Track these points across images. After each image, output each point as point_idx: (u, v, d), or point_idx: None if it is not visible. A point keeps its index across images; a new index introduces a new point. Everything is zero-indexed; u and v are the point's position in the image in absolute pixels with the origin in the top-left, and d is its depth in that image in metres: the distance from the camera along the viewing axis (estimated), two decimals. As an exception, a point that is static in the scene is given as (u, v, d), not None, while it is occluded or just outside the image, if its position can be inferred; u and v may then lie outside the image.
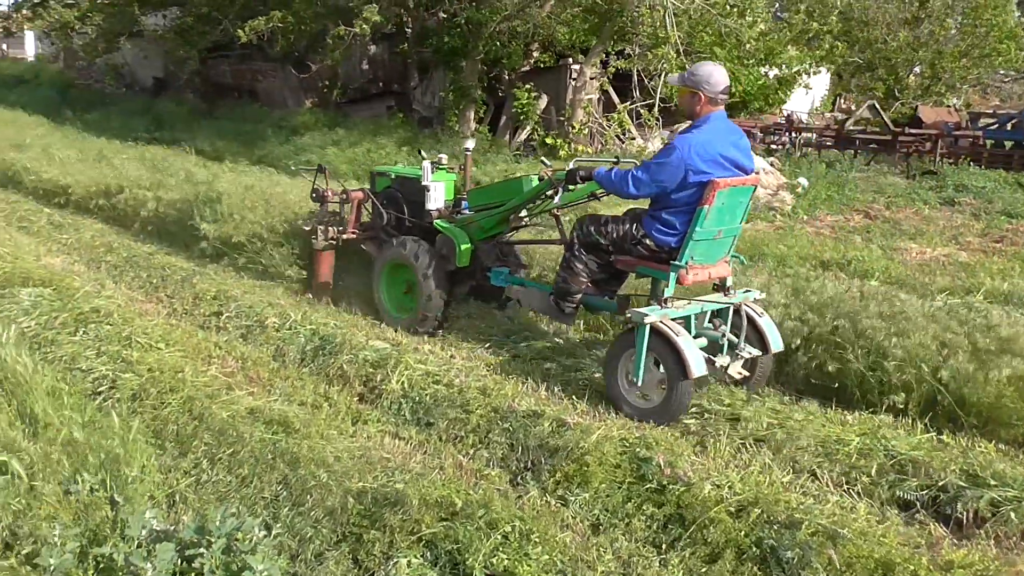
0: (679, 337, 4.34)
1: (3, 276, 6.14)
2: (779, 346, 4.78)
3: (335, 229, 6.48)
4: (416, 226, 6.09)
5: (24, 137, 12.94)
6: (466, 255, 5.72)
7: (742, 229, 5.00)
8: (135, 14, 16.74)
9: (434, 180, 5.99)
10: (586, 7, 13.30)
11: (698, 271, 4.63)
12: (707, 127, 4.56)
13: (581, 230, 5.00)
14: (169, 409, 4.24)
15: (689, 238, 4.49)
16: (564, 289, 5.06)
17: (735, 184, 4.53)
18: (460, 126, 13.88)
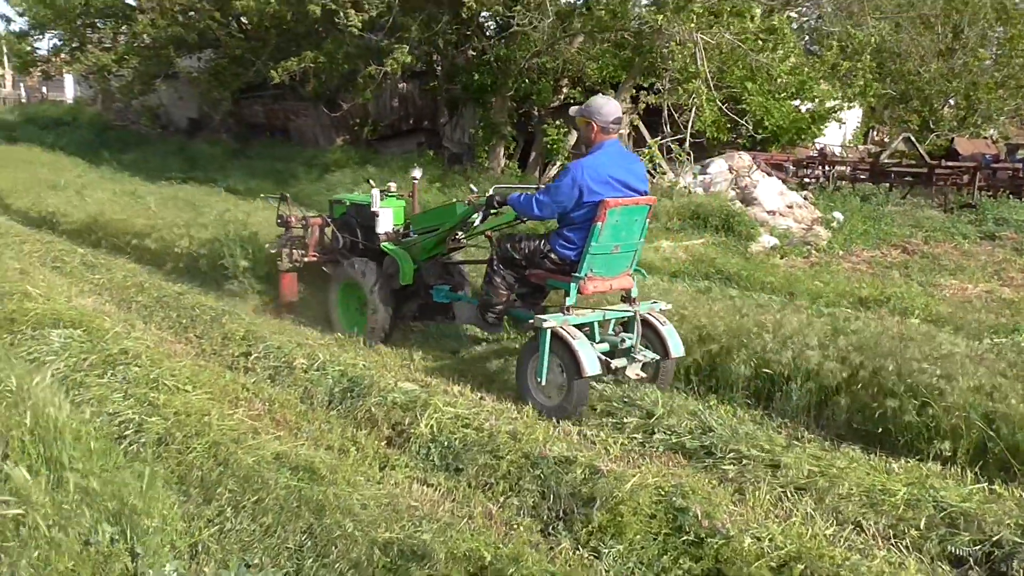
0: (575, 340, 4.86)
1: (35, 317, 6.14)
2: (679, 352, 5.25)
3: (298, 252, 7.00)
4: (368, 249, 6.61)
5: (61, 178, 13.13)
6: (409, 273, 6.24)
7: (642, 245, 5.47)
8: (170, 56, 17.06)
9: (383, 206, 6.55)
10: (616, 42, 13.32)
11: (598, 283, 5.16)
12: (600, 153, 5.10)
13: (500, 247, 5.55)
14: (194, 454, 4.16)
15: (586, 252, 5.02)
16: (487, 301, 5.58)
17: (627, 204, 5.05)
18: (490, 162, 13.90)
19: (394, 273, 6.30)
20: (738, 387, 5.16)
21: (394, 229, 6.60)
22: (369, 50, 13.24)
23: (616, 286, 5.36)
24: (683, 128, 13.05)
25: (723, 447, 4.32)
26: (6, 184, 12.93)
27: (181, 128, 22.08)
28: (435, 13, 12.97)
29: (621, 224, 5.10)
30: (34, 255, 9.10)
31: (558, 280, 5.26)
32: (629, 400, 4.91)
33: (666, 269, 9.14)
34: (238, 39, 16.28)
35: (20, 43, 21.75)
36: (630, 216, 5.15)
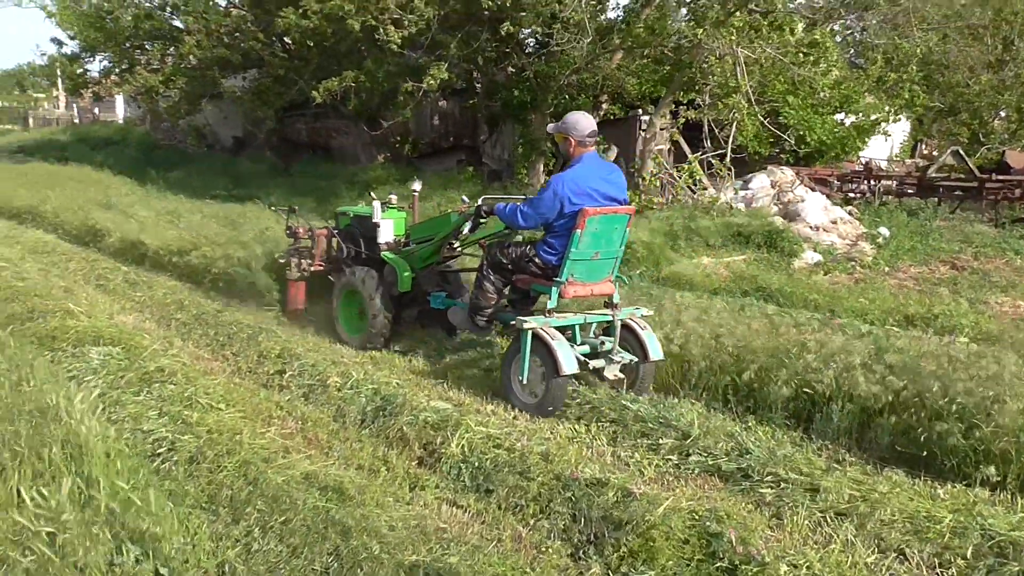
0: (554, 341, 5.14)
1: (76, 335, 6.23)
2: (658, 355, 5.49)
3: (305, 262, 7.41)
4: (370, 258, 6.96)
5: (109, 197, 13.37)
6: (407, 281, 6.57)
7: (623, 252, 5.76)
8: (216, 77, 17.34)
9: (384, 218, 6.89)
10: (655, 58, 13.24)
11: (578, 287, 5.44)
12: (579, 166, 5.43)
13: (489, 253, 5.89)
14: (224, 473, 4.15)
15: (567, 258, 5.32)
16: (476, 305, 5.89)
17: (605, 212, 5.34)
18: (529, 179, 13.89)
19: (393, 281, 6.63)
20: (777, 408, 5.03)
21: (395, 239, 6.91)
22: (409, 68, 13.33)
23: (597, 291, 5.61)
24: (724, 143, 12.92)
25: (760, 470, 4.21)
26: (57, 203, 13.18)
27: (226, 147, 22.42)
28: (474, 31, 13.02)
29: (600, 232, 5.40)
30: (79, 273, 9.25)
31: (542, 284, 5.56)
32: (664, 421, 4.80)
33: (706, 286, 9.01)
34: (281, 59, 16.47)
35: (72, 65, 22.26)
36: (609, 225, 5.44)
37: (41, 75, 29.81)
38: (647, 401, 5.15)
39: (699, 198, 12.88)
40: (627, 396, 5.24)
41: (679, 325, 5.92)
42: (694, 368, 5.50)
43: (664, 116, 13.62)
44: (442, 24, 12.90)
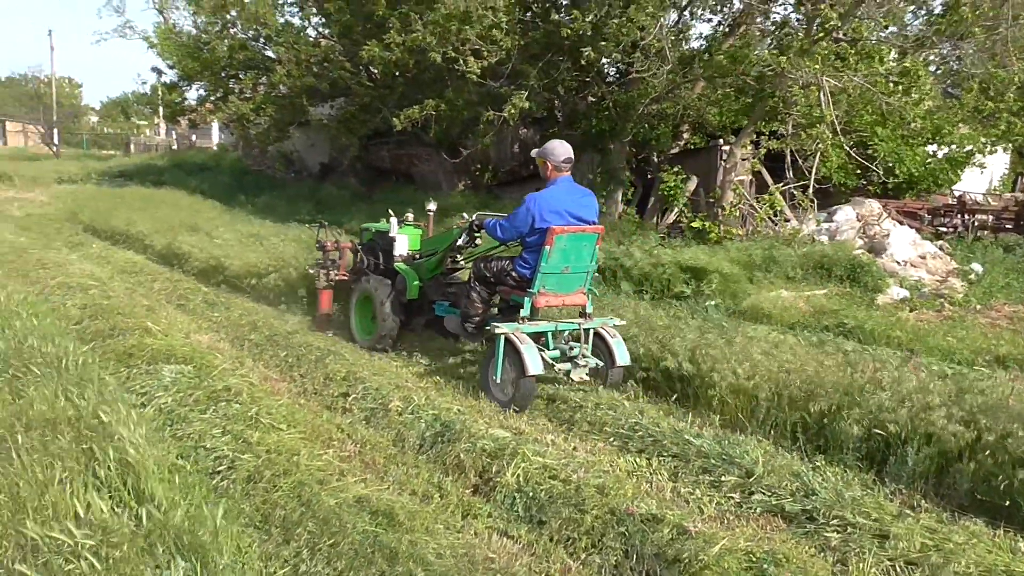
0: (523, 345, 5.70)
1: (151, 353, 6.40)
2: (625, 360, 6.09)
3: (332, 272, 8.14)
4: (387, 269, 7.61)
5: (197, 220, 13.79)
6: (415, 289, 7.27)
7: (595, 267, 6.32)
8: (304, 105, 17.83)
9: (400, 233, 7.62)
10: (737, 88, 13.04)
11: (550, 298, 6.05)
12: (553, 188, 6.05)
13: (476, 267, 6.54)
14: (279, 493, 4.18)
15: (538, 271, 5.88)
16: (465, 313, 6.57)
17: (573, 231, 5.90)
18: (607, 207, 13.79)
19: (403, 289, 7.29)
20: (848, 448, 4.81)
21: (409, 252, 7.59)
22: (489, 97, 13.42)
23: (569, 302, 6.22)
24: (807, 174, 12.60)
25: (827, 512, 4.02)
26: (148, 225, 13.69)
27: (313, 173, 22.97)
28: (555, 60, 13.06)
29: (569, 248, 5.95)
30: (162, 293, 9.56)
31: (519, 295, 6.12)
32: (728, 457, 4.64)
33: (784, 320, 8.75)
34: (367, 87, 16.83)
35: (171, 94, 23.25)
36: (578, 242, 5.99)
37: (143, 103, 31.25)
38: (711, 437, 5.00)
39: (780, 230, 12.58)
40: (690, 431, 5.10)
41: (748, 358, 5.74)
42: (761, 404, 5.32)
43: (745, 146, 13.38)
44: (522, 54, 12.99)
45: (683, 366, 5.90)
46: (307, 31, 19.41)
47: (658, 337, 6.46)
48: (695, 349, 6.05)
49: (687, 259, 9.80)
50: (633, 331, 6.64)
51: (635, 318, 7.06)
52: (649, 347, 6.33)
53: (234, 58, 19.40)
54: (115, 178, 25.81)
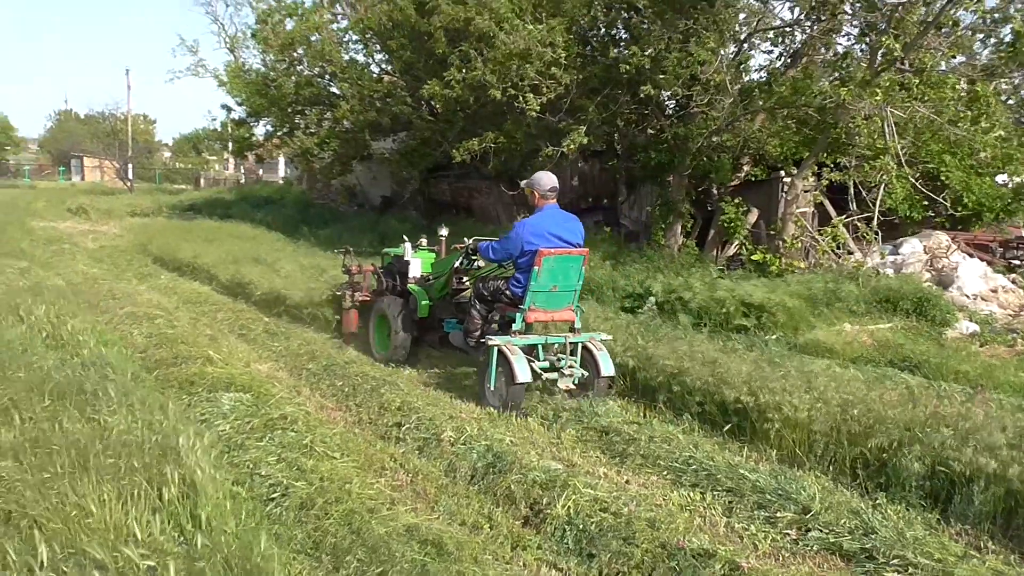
0: (512, 355, 6.31)
1: (212, 381, 6.55)
2: (610, 372, 6.65)
3: (357, 294, 8.80)
4: (403, 290, 8.30)
5: (261, 252, 14.10)
6: (425, 308, 7.96)
7: (580, 286, 6.89)
8: (367, 140, 18.20)
9: (414, 257, 8.41)
10: (799, 119, 12.90)
11: (539, 314, 6.70)
12: (540, 215, 6.71)
13: (475, 287, 7.21)
14: (330, 521, 4.21)
15: (528, 290, 6.53)
16: (466, 329, 7.18)
17: (559, 253, 6.54)
18: (667, 240, 13.70)
19: (415, 307, 7.97)
20: (910, 485, 4.66)
21: (422, 275, 8.33)
22: (548, 130, 13.51)
23: (558, 318, 6.85)
24: (871, 206, 12.35)
25: (887, 551, 3.90)
26: (214, 257, 14.05)
27: (375, 205, 23.33)
28: (613, 94, 13.10)
29: (557, 269, 6.57)
30: (225, 323, 9.77)
31: (513, 312, 6.72)
32: (784, 492, 4.54)
33: (846, 354, 8.55)
34: (428, 122, 17.10)
35: (239, 129, 23.93)
36: (565, 263, 6.63)
37: (213, 139, 32.20)
38: (767, 471, 4.89)
39: (843, 262, 12.33)
40: (746, 466, 5.01)
41: (806, 392, 5.63)
42: (819, 438, 5.20)
43: (807, 178, 13.18)
44: (581, 88, 13.05)
45: (740, 399, 5.81)
46: (370, 68, 19.86)
47: (714, 370, 6.37)
48: (751, 382, 5.95)
49: (747, 292, 9.67)
50: (686, 364, 6.56)
51: (689, 350, 6.97)
52: (706, 379, 6.25)
53: (300, 94, 19.91)
54: (185, 211, 26.58)
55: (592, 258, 12.81)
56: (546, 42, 12.23)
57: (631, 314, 9.64)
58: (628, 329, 8.14)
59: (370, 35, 18.63)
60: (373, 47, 19.52)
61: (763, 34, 12.96)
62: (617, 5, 12.86)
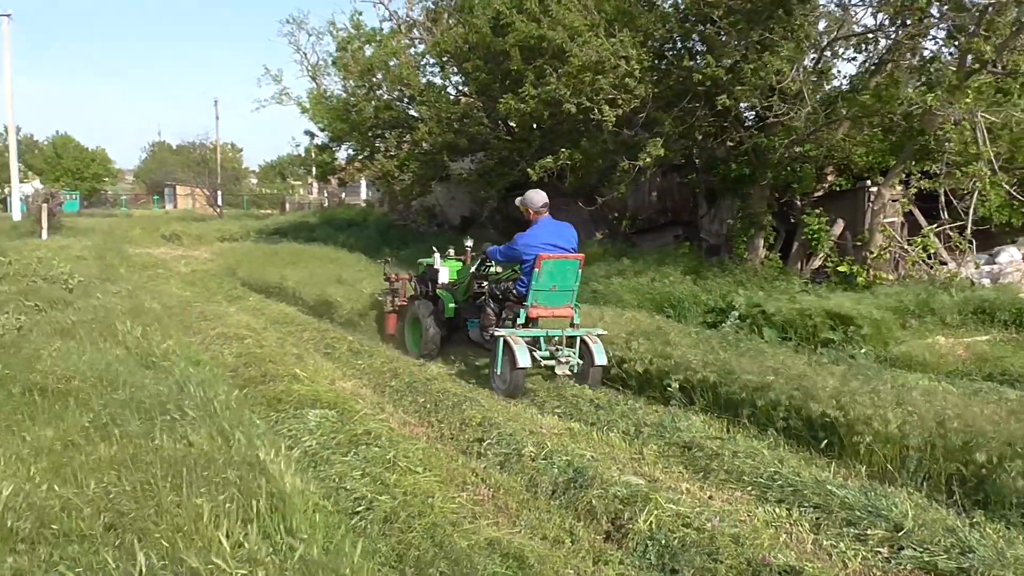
0: (515, 345, 7.35)
1: (298, 398, 6.71)
2: (603, 361, 7.58)
3: (396, 299, 9.99)
4: (434, 295, 9.36)
5: (344, 273, 14.38)
6: (451, 310, 9.08)
7: (578, 287, 7.93)
8: (445, 161, 18.45)
9: (442, 265, 9.59)
10: (885, 127, 12.56)
11: (541, 310, 7.75)
12: (535, 228, 7.89)
13: (489, 288, 8.34)
14: (414, 534, 4.26)
15: (531, 289, 7.64)
16: (483, 325, 8.25)
17: (556, 258, 7.64)
18: (748, 253, 13.47)
19: (442, 309, 9.07)
20: (1011, 504, 4.46)
21: (450, 281, 9.41)
22: (625, 145, 13.47)
23: (558, 314, 7.83)
24: (964, 214, 11.92)
25: (985, 571, 3.74)
26: (299, 278, 14.40)
27: (454, 225, 23.58)
28: (690, 106, 12.99)
29: (555, 272, 7.66)
30: (310, 342, 10.00)
31: (519, 309, 7.78)
32: (875, 509, 4.40)
33: (940, 368, 8.27)
34: (504, 141, 17.25)
35: (322, 154, 24.54)
36: (562, 267, 7.70)
37: (297, 164, 33.07)
38: (856, 487, 4.75)
39: (935, 273, 11.93)
40: (834, 481, 4.87)
41: (898, 406, 5.45)
42: (912, 454, 5.02)
43: (895, 186, 12.81)
44: (656, 101, 12.98)
45: (828, 413, 5.67)
46: (447, 90, 20.17)
47: (799, 384, 6.23)
48: (839, 396, 5.80)
49: (833, 305, 9.44)
50: (770, 378, 6.43)
51: (773, 364, 6.84)
52: (791, 393, 6.11)
53: (379, 118, 20.33)
54: (271, 235, 27.31)
55: (672, 273, 12.75)
56: (619, 55, 12.22)
57: (713, 329, 9.50)
58: (709, 343, 8.04)
59: (447, 58, 18.93)
60: (449, 69, 19.82)
61: (845, 41, 12.67)
62: (692, 17, 12.76)
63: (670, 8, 13.78)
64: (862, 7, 12.23)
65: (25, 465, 4.33)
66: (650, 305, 11.14)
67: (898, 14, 11.37)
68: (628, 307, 10.86)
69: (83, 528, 3.65)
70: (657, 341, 8.02)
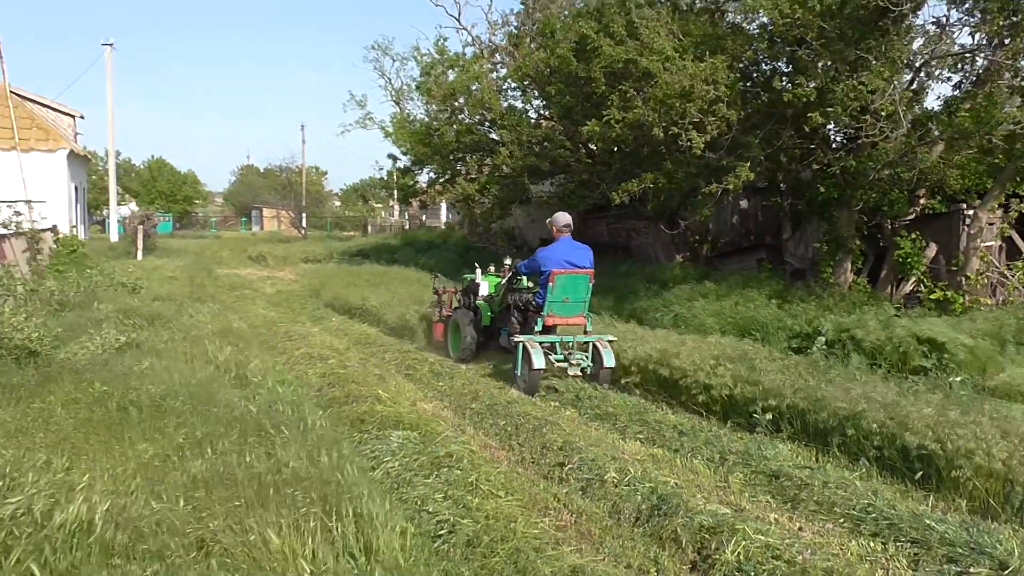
0: (532, 349, 8.34)
1: (380, 419, 6.77)
2: (611, 364, 8.62)
3: (444, 310, 11.24)
4: (474, 306, 10.43)
5: (424, 295, 14.50)
6: (487, 319, 10.17)
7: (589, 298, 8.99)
8: (526, 183, 18.53)
9: (483, 280, 10.71)
10: (983, 148, 12.12)
11: (556, 319, 8.89)
12: (556, 245, 9.02)
13: (513, 300, 9.46)
14: (497, 559, 4.24)
15: (547, 301, 8.76)
16: (509, 332, 9.25)
17: (568, 273, 8.75)
18: (835, 277, 13.13)
19: (480, 319, 10.17)
20: None
21: (489, 294, 10.42)
22: (709, 168, 13.29)
23: (572, 323, 8.99)
24: (1069, 238, 11.40)
25: (1100, 616, 3.51)
26: (381, 300, 14.61)
27: (533, 247, 23.58)
28: (776, 129, 12.76)
29: (568, 285, 8.77)
30: (392, 363, 10.11)
31: (538, 318, 8.85)
32: (977, 546, 4.19)
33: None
34: (585, 164, 17.24)
35: (404, 177, 24.94)
36: (575, 281, 8.81)
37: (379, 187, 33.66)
38: (957, 523, 4.54)
39: (1037, 300, 11.42)
40: (932, 516, 4.67)
41: (1003, 438, 5.21)
42: (1018, 489, 4.78)
43: (993, 210, 12.34)
44: (743, 124, 12.79)
45: (925, 445, 5.45)
46: (528, 114, 20.29)
47: (893, 413, 6.00)
48: (936, 427, 5.57)
49: (926, 330, 9.09)
50: (861, 406, 6.22)
51: (864, 392, 6.62)
52: (884, 423, 5.90)
53: (461, 142, 20.56)
54: (353, 257, 27.81)
55: (756, 297, 12.49)
56: (709, 80, 12.09)
57: (799, 354, 9.25)
58: (796, 369, 7.83)
59: (528, 82, 19.07)
60: (531, 93, 19.95)
61: (941, 61, 12.30)
62: (779, 38, 12.55)
63: (757, 30, 13.60)
64: (959, 26, 11.85)
65: (122, 480, 4.45)
66: (733, 329, 10.93)
67: (997, 34, 10.97)
68: (711, 331, 10.68)
69: (173, 545, 3.72)
70: (742, 366, 7.84)
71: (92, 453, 4.87)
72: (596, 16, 15.33)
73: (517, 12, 22.61)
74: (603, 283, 16.17)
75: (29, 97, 28.08)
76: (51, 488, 4.04)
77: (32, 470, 4.26)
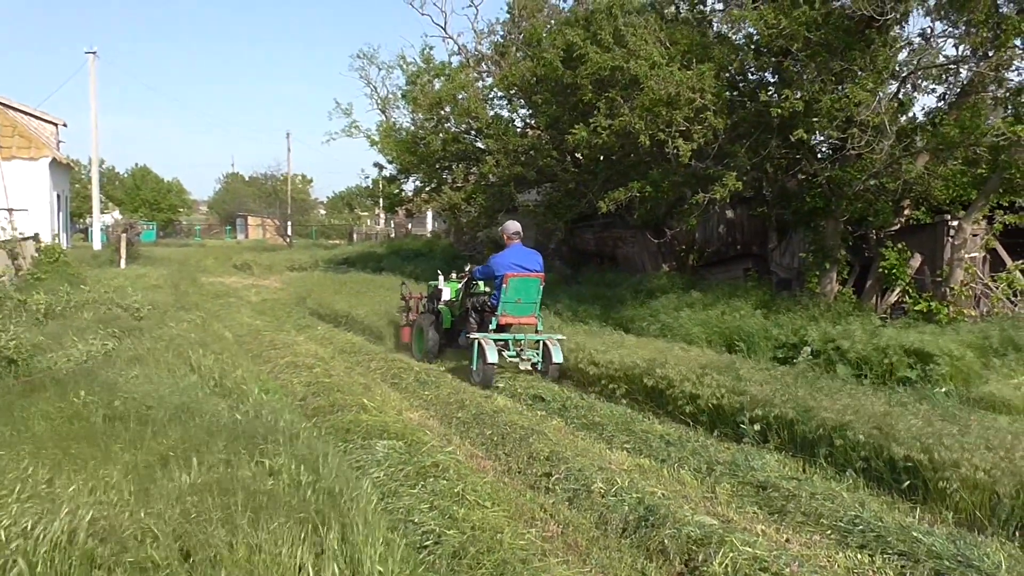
0: (486, 344, 9.13)
1: (366, 429, 6.72)
2: (559, 360, 9.38)
3: (409, 314, 12.00)
4: (437, 310, 11.14)
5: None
6: (448, 321, 10.89)
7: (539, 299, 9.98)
8: (512, 192, 18.52)
9: (445, 285, 11.40)
10: (967, 159, 12.19)
11: (510, 319, 9.75)
12: (507, 251, 9.94)
13: (470, 301, 10.27)
14: (483, 571, 4.19)
15: (501, 302, 9.62)
16: (466, 332, 10.02)
17: (520, 276, 9.66)
18: (821, 287, 13.15)
19: (442, 321, 10.86)
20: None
21: (450, 299, 11.13)
22: (695, 177, 13.31)
23: (524, 322, 9.89)
24: (1052, 250, 11.48)
25: (1089, 629, 3.50)
26: (366, 308, 14.56)
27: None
28: (762, 139, 12.80)
29: (520, 288, 9.68)
30: (378, 372, 10.05)
31: (492, 318, 9.69)
32: (965, 559, 4.18)
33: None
34: (572, 173, 17.26)
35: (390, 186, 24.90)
36: (526, 283, 9.73)
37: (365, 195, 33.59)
38: (944, 535, 4.53)
39: (1021, 311, 11.48)
40: (920, 528, 4.66)
41: (988, 449, 5.21)
42: (1004, 501, 4.78)
43: (977, 221, 12.41)
44: (730, 133, 12.82)
45: (911, 456, 5.44)
46: (514, 123, 20.29)
47: (880, 424, 6.00)
48: (923, 437, 5.57)
49: (912, 341, 9.12)
50: (848, 417, 6.22)
51: (851, 403, 6.62)
52: (871, 433, 5.90)
53: (447, 150, 20.56)
54: (339, 265, 27.70)
55: (743, 306, 12.49)
56: (696, 88, 12.12)
57: (785, 364, 9.26)
58: (783, 379, 7.82)
59: (514, 91, 19.08)
60: (517, 103, 19.97)
61: (925, 72, 12.37)
62: (766, 49, 12.61)
63: (743, 40, 13.65)
64: (944, 38, 11.93)
65: (107, 491, 4.38)
66: (719, 339, 10.94)
67: (981, 45, 11.05)
68: (697, 340, 10.68)
69: (158, 557, 3.66)
70: (728, 376, 7.83)
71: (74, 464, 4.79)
72: (584, 24, 15.37)
73: (503, 21, 22.65)
74: (590, 292, 16.23)
75: (11, 105, 27.91)
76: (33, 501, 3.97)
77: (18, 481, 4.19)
